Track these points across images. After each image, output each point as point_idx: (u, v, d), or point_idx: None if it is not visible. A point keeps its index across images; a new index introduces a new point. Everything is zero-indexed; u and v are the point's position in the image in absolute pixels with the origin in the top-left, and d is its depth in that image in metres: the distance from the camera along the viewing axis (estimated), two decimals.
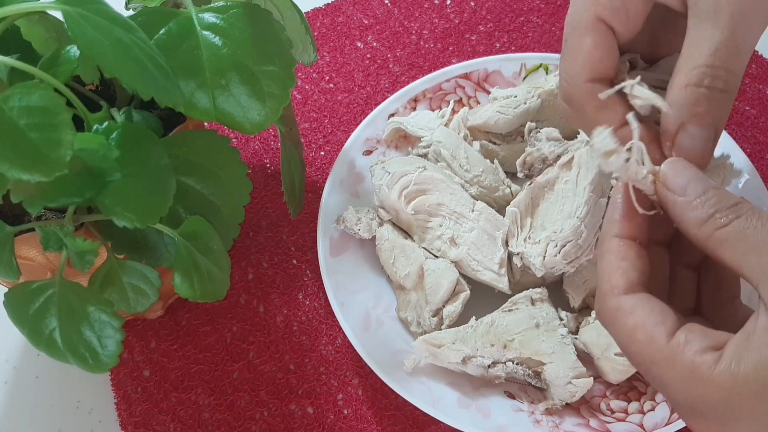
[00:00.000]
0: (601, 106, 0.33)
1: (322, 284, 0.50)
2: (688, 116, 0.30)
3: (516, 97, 0.55)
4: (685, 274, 0.34)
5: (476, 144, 0.55)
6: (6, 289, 0.39)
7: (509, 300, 0.49)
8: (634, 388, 0.47)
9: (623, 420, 0.46)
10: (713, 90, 0.30)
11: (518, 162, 0.51)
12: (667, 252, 0.34)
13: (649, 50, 0.37)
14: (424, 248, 0.51)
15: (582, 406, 0.47)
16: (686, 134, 0.30)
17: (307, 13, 0.70)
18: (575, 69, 0.33)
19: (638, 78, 0.32)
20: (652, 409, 0.46)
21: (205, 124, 0.48)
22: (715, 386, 0.26)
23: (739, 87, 0.31)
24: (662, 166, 0.30)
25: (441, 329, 0.48)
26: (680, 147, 0.31)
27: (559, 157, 0.49)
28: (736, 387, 0.26)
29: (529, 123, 0.53)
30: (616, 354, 0.46)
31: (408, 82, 0.61)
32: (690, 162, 0.30)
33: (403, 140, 0.58)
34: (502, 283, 0.49)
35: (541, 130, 0.51)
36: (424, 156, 0.55)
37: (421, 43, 0.68)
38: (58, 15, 0.34)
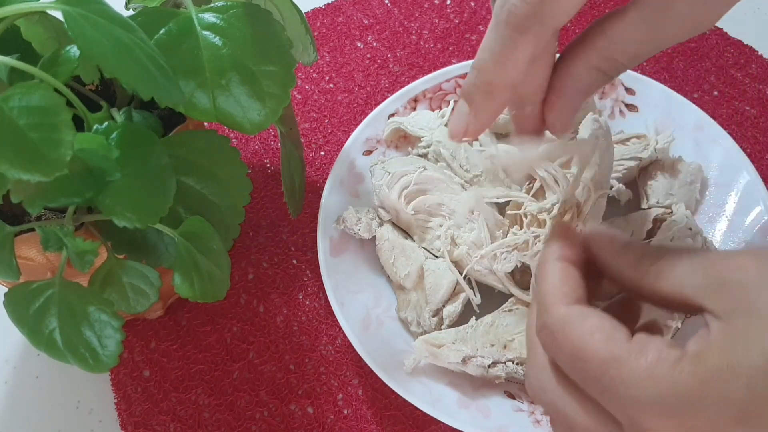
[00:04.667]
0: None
1: (322, 284, 0.50)
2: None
3: None
4: None
5: (476, 144, 0.55)
6: (6, 289, 0.39)
7: (509, 300, 0.49)
8: None
9: None
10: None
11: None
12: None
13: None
14: (424, 248, 0.51)
15: None
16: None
17: (307, 13, 0.70)
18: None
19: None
20: None
21: (205, 124, 0.48)
22: (685, 373, 0.26)
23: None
24: (584, 233, 0.33)
25: (441, 329, 0.48)
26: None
27: None
28: (707, 373, 0.25)
29: None
30: None
31: (408, 82, 0.61)
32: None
33: (403, 140, 0.58)
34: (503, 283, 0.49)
35: None
36: (424, 156, 0.55)
37: (421, 43, 0.68)
38: (58, 15, 0.34)
